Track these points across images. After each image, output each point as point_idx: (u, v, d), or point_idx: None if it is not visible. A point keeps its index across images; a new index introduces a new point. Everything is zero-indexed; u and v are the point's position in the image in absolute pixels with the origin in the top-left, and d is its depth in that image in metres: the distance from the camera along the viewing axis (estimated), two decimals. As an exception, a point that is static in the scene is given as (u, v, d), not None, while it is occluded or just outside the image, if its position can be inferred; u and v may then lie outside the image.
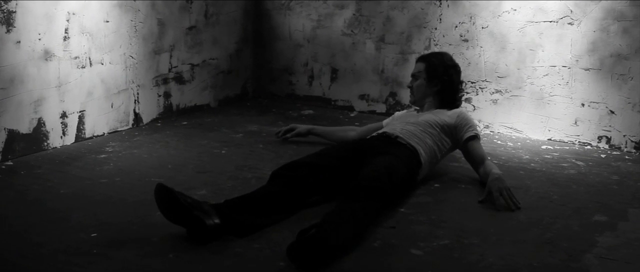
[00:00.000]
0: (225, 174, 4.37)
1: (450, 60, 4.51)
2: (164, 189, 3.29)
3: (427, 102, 4.51)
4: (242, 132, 5.46)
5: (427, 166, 4.22)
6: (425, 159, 4.17)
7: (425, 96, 4.50)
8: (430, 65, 4.46)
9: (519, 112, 5.57)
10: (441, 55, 4.55)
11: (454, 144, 4.41)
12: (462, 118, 4.37)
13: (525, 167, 4.72)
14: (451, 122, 4.34)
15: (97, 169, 4.42)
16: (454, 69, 4.48)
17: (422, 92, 4.49)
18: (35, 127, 4.72)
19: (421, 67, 4.49)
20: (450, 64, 4.48)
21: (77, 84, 4.98)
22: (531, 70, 5.46)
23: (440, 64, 4.45)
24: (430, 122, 4.32)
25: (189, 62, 5.96)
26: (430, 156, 4.24)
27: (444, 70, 4.44)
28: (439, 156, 4.35)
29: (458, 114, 4.38)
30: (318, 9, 6.31)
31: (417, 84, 4.51)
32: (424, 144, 4.21)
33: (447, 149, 4.39)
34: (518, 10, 5.43)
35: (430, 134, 4.27)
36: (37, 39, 4.64)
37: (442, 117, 4.36)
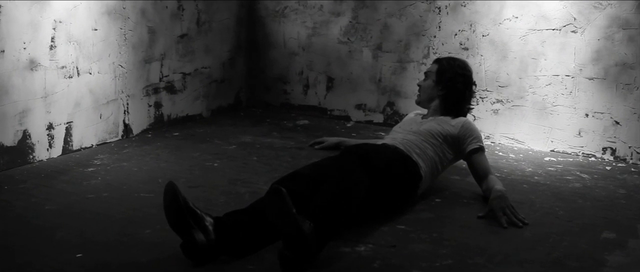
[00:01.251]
0: (217, 189, 4.22)
1: (461, 68, 4.33)
2: (172, 189, 3.17)
3: (432, 106, 4.35)
4: (235, 143, 5.31)
5: (428, 178, 4.08)
6: (425, 172, 4.02)
7: (430, 98, 4.34)
8: (441, 67, 4.33)
9: (521, 123, 5.43)
10: (454, 61, 4.39)
11: (456, 156, 4.25)
12: (466, 129, 4.20)
13: (529, 181, 4.58)
14: (454, 132, 4.17)
15: (84, 184, 4.28)
16: (463, 77, 4.31)
17: (428, 93, 4.35)
18: (20, 139, 4.57)
19: (434, 68, 4.37)
20: (460, 71, 4.31)
21: (64, 94, 4.83)
22: (533, 80, 5.33)
23: (449, 68, 4.31)
24: (432, 131, 4.15)
25: (180, 71, 5.82)
26: (431, 168, 4.08)
27: (451, 76, 4.29)
28: (440, 168, 4.20)
29: (462, 124, 4.21)
30: (313, 16, 6.18)
31: (425, 84, 4.38)
32: (425, 156, 4.05)
33: (449, 160, 4.23)
34: (520, 17, 5.30)
35: (431, 145, 4.11)
36: (22, 48, 4.49)
37: (446, 126, 4.19)
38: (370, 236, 3.53)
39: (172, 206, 3.17)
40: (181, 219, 3.15)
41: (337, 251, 3.32)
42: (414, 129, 4.22)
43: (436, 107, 4.33)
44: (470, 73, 4.36)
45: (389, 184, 3.77)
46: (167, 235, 3.32)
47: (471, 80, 4.36)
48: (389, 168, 3.79)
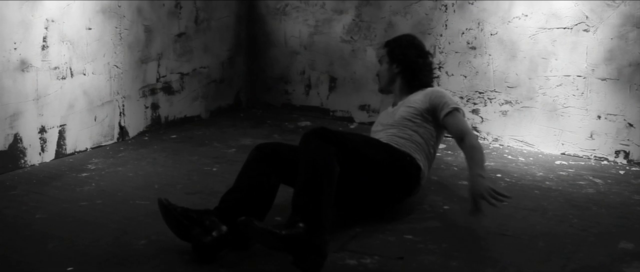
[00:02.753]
0: (216, 195, 4.01)
1: (408, 41, 4.27)
2: (163, 206, 3.26)
3: (396, 88, 4.24)
4: (234, 146, 5.15)
5: (425, 164, 3.93)
6: (421, 160, 3.87)
7: (391, 80, 4.23)
8: (390, 47, 4.27)
9: (531, 125, 5.26)
10: (400, 38, 4.35)
11: (437, 128, 4.03)
12: (434, 97, 4.00)
13: (540, 186, 4.41)
14: (425, 106, 3.99)
15: (77, 190, 4.13)
16: (414, 48, 4.23)
17: (386, 76, 4.25)
18: (11, 143, 4.42)
19: (384, 51, 4.31)
20: (407, 44, 4.24)
21: (57, 96, 4.68)
22: (543, 80, 5.16)
23: (397, 45, 4.25)
24: (406, 116, 3.99)
25: (178, 71, 5.68)
26: (424, 152, 3.93)
27: (401, 50, 4.21)
28: (432, 148, 4.01)
29: (429, 95, 4.03)
30: (315, 14, 6.03)
31: (382, 68, 4.29)
32: (413, 143, 3.90)
33: (435, 136, 4.02)
34: (529, 16, 5.13)
35: (413, 129, 3.95)
36: (13, 49, 4.34)
37: (415, 104, 4.02)
38: (377, 247, 3.39)
39: (170, 219, 3.24)
40: (182, 227, 3.23)
41: (343, 263, 3.19)
42: (390, 121, 4.06)
43: (399, 87, 4.22)
44: (419, 42, 4.30)
45: (389, 179, 3.70)
46: (162, 246, 3.25)
47: (422, 49, 4.26)
48: (386, 162, 3.70)
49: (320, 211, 3.13)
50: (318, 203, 3.14)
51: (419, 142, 3.92)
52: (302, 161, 3.30)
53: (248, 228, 3.01)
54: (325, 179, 3.23)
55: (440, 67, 5.52)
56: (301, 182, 3.22)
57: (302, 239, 3.00)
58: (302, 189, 3.19)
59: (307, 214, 3.09)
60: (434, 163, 4.79)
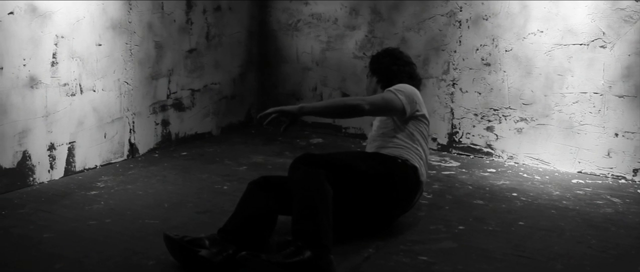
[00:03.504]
0: (226, 214, 3.94)
1: (385, 51, 4.28)
2: (166, 238, 3.27)
3: None
4: (245, 164, 5.09)
5: (420, 163, 3.88)
6: (417, 161, 3.84)
7: (373, 92, 4.16)
8: (369, 62, 4.28)
9: (546, 143, 5.17)
10: (379, 51, 4.35)
11: (414, 122, 3.92)
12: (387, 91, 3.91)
13: (557, 206, 4.32)
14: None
15: (86, 209, 4.06)
16: (389, 57, 4.19)
17: (370, 88, 4.21)
18: (19, 161, 4.37)
19: (367, 68, 4.31)
20: (383, 54, 4.24)
21: (67, 113, 4.62)
22: (559, 97, 5.07)
23: (374, 57, 4.27)
24: (381, 125, 3.99)
25: (189, 87, 5.62)
26: (415, 152, 3.87)
27: (377, 60, 4.22)
28: (419, 147, 3.91)
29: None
30: (328, 30, 5.97)
31: (366, 83, 4.29)
32: (400, 148, 3.85)
33: (417, 132, 3.92)
34: (545, 32, 5.05)
35: (391, 135, 3.89)
36: (22, 65, 4.30)
37: None
38: (391, 269, 3.32)
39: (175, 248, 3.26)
40: (188, 252, 3.22)
41: (356, 287, 3.11)
42: (373, 134, 4.04)
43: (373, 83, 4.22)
44: (398, 52, 4.27)
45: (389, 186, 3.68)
46: (172, 266, 3.22)
47: (398, 57, 4.20)
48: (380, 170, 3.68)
49: (320, 233, 3.15)
50: (317, 226, 3.17)
51: (403, 144, 3.86)
52: (294, 188, 3.34)
53: (252, 262, 3.02)
54: (320, 201, 3.26)
55: (454, 83, 5.45)
56: (297, 208, 3.25)
57: (308, 264, 3.03)
58: (299, 215, 3.22)
59: (308, 238, 3.11)
60: (448, 181, 4.73)
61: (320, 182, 3.34)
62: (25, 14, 4.26)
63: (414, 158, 3.83)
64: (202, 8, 5.61)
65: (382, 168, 3.67)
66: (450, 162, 5.26)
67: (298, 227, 3.18)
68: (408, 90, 3.91)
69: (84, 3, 4.63)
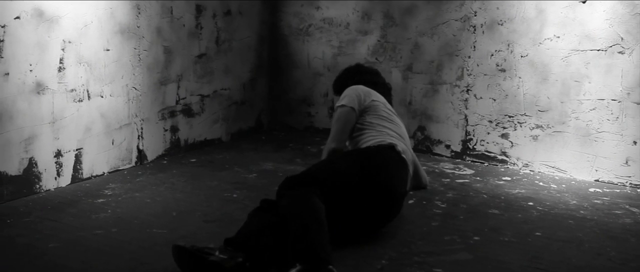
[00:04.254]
0: (236, 224, 3.88)
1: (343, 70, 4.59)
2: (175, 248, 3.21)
3: None
4: (255, 171, 5.00)
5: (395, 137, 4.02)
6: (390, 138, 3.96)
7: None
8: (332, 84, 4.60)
9: (563, 150, 5.07)
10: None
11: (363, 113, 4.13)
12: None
13: (574, 216, 4.21)
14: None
15: (92, 217, 3.98)
16: (345, 73, 4.52)
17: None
18: (25, 168, 4.29)
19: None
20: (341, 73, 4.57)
21: (74, 119, 4.55)
22: (576, 104, 4.97)
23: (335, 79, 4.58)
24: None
25: (198, 93, 5.54)
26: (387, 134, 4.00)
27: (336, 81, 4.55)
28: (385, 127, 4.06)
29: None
30: (339, 35, 5.88)
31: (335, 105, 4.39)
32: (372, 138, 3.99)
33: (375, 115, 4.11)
34: (562, 37, 4.95)
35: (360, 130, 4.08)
36: (28, 71, 4.22)
37: None
38: (405, 282, 3.20)
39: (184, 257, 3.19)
40: (198, 260, 3.15)
41: (369, 301, 3.01)
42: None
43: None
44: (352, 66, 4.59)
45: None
46: None
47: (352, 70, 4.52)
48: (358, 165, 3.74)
49: (316, 248, 3.11)
50: (311, 242, 3.14)
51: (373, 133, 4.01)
52: (286, 214, 3.34)
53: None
54: (310, 219, 3.25)
55: (468, 89, 5.35)
56: (291, 233, 3.23)
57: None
58: (293, 238, 3.20)
59: (303, 256, 3.08)
60: (462, 190, 4.64)
61: (307, 201, 3.36)
62: (32, 19, 4.18)
63: (387, 137, 3.94)
64: (212, 12, 5.54)
65: (363, 160, 3.73)
66: (464, 170, 5.16)
67: (293, 249, 3.16)
68: (348, 92, 4.16)
69: (92, 7, 4.56)
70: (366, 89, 4.23)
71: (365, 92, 4.18)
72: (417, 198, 4.44)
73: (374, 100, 4.15)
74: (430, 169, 5.12)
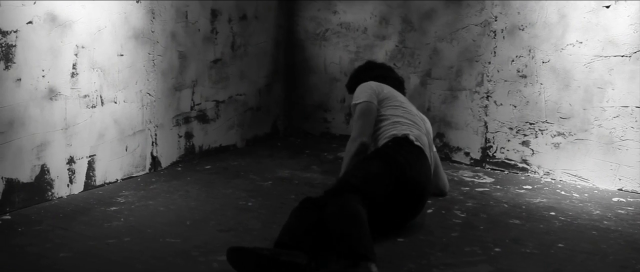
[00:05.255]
0: (250, 234, 3.82)
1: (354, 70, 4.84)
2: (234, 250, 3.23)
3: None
4: (271, 178, 4.91)
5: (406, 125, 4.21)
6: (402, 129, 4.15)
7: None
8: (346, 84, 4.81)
9: (585, 158, 4.95)
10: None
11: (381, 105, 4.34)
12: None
13: (598, 227, 4.09)
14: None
15: (105, 226, 3.90)
16: (356, 72, 4.74)
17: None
18: (37, 175, 4.22)
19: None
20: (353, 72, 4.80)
21: (87, 125, 4.48)
22: (599, 111, 4.85)
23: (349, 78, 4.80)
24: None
25: (213, 98, 5.45)
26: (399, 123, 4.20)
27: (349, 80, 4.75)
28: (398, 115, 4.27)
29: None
30: (357, 40, 5.79)
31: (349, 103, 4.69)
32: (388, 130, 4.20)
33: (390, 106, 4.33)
34: (584, 43, 4.83)
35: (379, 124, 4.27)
36: (41, 76, 4.15)
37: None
38: (424, 296, 3.11)
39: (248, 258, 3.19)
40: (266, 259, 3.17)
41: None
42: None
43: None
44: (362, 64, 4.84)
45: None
46: None
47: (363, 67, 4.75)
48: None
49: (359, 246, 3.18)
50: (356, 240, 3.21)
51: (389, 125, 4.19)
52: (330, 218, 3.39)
53: None
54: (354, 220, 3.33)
55: (488, 96, 5.24)
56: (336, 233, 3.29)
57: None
58: (336, 241, 3.27)
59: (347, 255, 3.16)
60: (482, 199, 4.55)
61: (350, 206, 3.43)
62: (45, 24, 4.12)
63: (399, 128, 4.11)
64: (228, 17, 5.46)
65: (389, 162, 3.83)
66: (484, 178, 5.05)
67: (337, 250, 3.24)
68: (362, 88, 4.35)
69: (106, 12, 4.49)
70: (377, 83, 4.43)
71: (377, 85, 4.39)
72: (436, 207, 4.34)
73: (387, 92, 4.37)
74: (449, 177, 5.01)
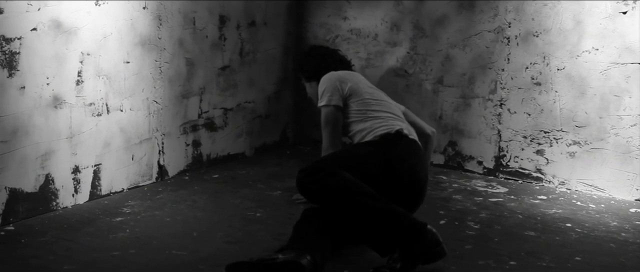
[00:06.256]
0: (259, 246, 3.73)
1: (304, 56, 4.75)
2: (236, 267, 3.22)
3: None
4: (280, 188, 4.81)
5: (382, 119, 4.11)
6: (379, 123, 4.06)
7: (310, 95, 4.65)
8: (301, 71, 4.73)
9: (601, 168, 4.84)
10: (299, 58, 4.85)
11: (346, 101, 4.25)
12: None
13: (616, 239, 3.99)
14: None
15: (110, 237, 3.82)
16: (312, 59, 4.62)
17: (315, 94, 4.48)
18: (42, 184, 4.13)
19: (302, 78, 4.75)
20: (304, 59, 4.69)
21: (92, 134, 4.40)
22: (616, 120, 4.74)
23: (300, 66, 4.73)
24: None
25: (221, 106, 5.36)
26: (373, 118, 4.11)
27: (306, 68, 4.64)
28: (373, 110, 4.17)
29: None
30: (367, 46, 5.69)
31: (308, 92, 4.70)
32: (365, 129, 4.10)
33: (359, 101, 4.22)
34: (601, 50, 4.73)
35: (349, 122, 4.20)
36: (45, 84, 4.07)
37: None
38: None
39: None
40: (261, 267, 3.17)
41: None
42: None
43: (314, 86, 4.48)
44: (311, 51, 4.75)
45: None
46: None
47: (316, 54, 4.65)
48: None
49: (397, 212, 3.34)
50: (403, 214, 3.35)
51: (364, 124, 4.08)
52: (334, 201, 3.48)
53: None
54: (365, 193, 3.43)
55: (502, 104, 5.14)
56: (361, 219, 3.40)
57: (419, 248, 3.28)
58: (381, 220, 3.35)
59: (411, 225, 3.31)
60: (496, 210, 4.44)
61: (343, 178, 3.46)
62: (49, 30, 4.04)
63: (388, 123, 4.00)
64: (236, 23, 5.37)
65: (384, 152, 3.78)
66: (497, 188, 4.94)
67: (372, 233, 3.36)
68: (324, 87, 4.23)
69: (112, 18, 4.41)
70: (339, 74, 4.32)
71: (341, 79, 4.26)
72: (449, 218, 4.25)
73: (352, 85, 4.23)
74: (461, 187, 4.92)
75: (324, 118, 4.20)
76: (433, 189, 4.82)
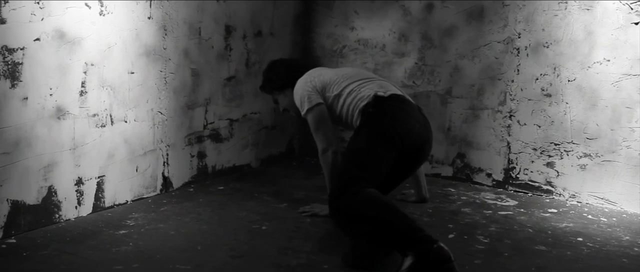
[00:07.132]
0: (265, 260, 3.66)
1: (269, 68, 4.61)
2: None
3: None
4: (286, 200, 4.74)
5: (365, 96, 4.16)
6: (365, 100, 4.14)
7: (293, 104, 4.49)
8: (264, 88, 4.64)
9: (613, 181, 4.75)
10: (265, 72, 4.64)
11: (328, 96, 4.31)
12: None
13: (628, 254, 3.90)
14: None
15: (113, 251, 3.75)
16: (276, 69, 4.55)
17: (289, 104, 4.54)
18: (44, 196, 4.07)
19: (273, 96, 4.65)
20: (270, 71, 4.58)
21: (96, 145, 4.34)
22: (628, 132, 4.66)
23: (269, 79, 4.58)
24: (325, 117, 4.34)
25: (227, 117, 5.32)
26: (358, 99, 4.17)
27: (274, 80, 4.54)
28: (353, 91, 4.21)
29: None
30: (375, 57, 5.63)
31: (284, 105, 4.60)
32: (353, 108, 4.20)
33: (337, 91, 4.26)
34: (612, 61, 4.65)
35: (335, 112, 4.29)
36: (48, 95, 4.01)
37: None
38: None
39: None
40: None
41: None
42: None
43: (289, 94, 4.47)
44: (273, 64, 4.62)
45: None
46: None
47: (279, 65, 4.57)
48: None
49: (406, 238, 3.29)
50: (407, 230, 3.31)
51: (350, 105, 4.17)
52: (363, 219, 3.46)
53: None
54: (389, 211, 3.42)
55: (511, 115, 5.07)
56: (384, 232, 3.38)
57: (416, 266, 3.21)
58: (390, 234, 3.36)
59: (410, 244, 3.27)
60: (506, 223, 4.36)
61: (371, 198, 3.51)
62: (53, 41, 3.98)
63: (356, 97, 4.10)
64: (242, 33, 5.32)
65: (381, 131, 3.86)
66: (507, 201, 4.86)
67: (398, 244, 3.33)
68: (300, 93, 4.26)
69: (116, 29, 4.35)
70: (304, 77, 4.35)
71: (309, 79, 4.30)
72: (458, 232, 4.17)
73: (318, 77, 4.29)
74: (470, 199, 4.84)
75: (313, 120, 4.25)
76: (441, 201, 4.76)
